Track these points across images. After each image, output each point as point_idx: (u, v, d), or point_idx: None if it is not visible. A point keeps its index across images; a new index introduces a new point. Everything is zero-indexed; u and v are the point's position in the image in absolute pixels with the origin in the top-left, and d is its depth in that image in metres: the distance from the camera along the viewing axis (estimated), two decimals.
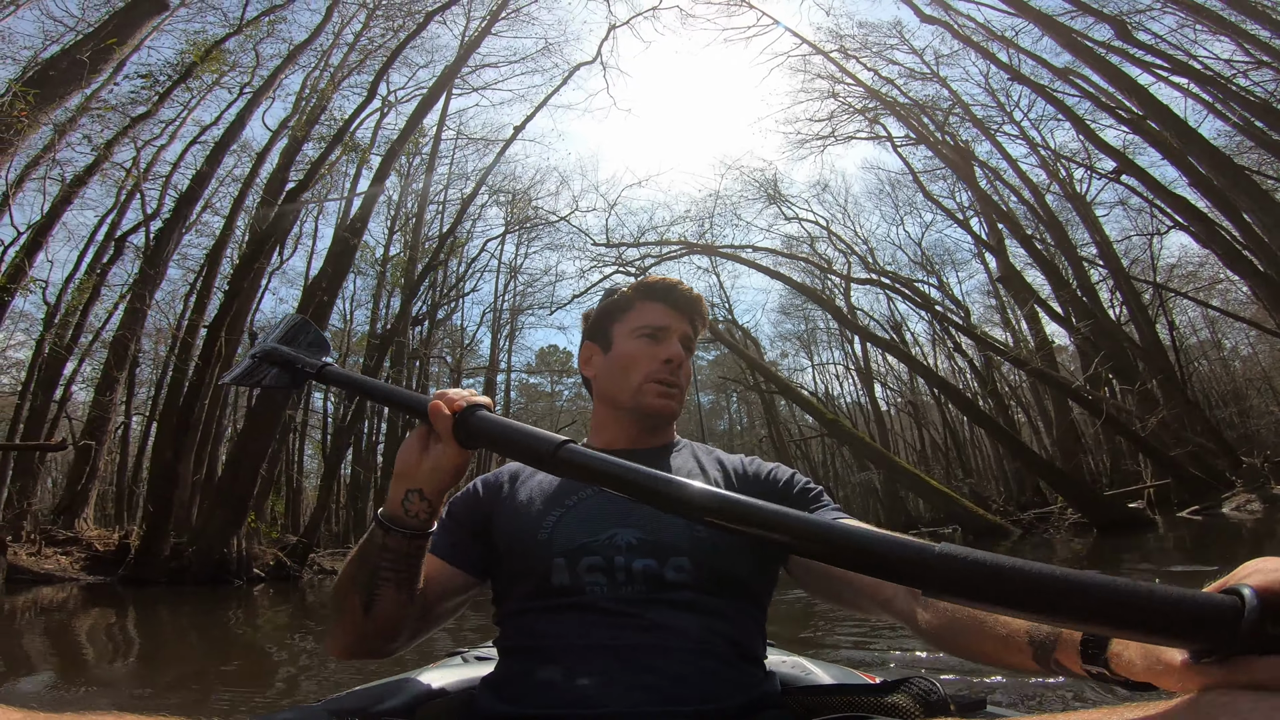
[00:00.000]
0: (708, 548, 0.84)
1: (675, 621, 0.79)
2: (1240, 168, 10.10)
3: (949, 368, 28.83)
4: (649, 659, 0.76)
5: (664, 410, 0.97)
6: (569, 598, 0.81)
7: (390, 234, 24.49)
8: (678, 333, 0.99)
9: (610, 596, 0.80)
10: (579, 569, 0.82)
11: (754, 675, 0.82)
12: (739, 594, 0.85)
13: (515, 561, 0.86)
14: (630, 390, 0.97)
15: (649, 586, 0.81)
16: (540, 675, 0.77)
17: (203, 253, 17.33)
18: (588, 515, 0.87)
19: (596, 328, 1.05)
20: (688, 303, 1.01)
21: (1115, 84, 12.92)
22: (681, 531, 0.84)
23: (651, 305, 1.00)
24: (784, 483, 0.96)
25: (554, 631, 0.80)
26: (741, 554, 0.86)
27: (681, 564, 0.82)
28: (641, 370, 0.97)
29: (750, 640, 0.84)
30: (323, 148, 16.18)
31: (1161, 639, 0.40)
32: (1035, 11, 14.81)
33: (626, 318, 1.01)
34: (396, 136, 15.12)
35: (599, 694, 0.73)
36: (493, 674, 0.86)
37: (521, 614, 0.84)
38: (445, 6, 14.54)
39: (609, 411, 1.01)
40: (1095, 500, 8.96)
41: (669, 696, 0.73)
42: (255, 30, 17.70)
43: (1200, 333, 29.52)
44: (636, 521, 0.85)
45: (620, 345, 1.00)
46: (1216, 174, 10.31)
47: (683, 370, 0.99)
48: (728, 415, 39.57)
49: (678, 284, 1.01)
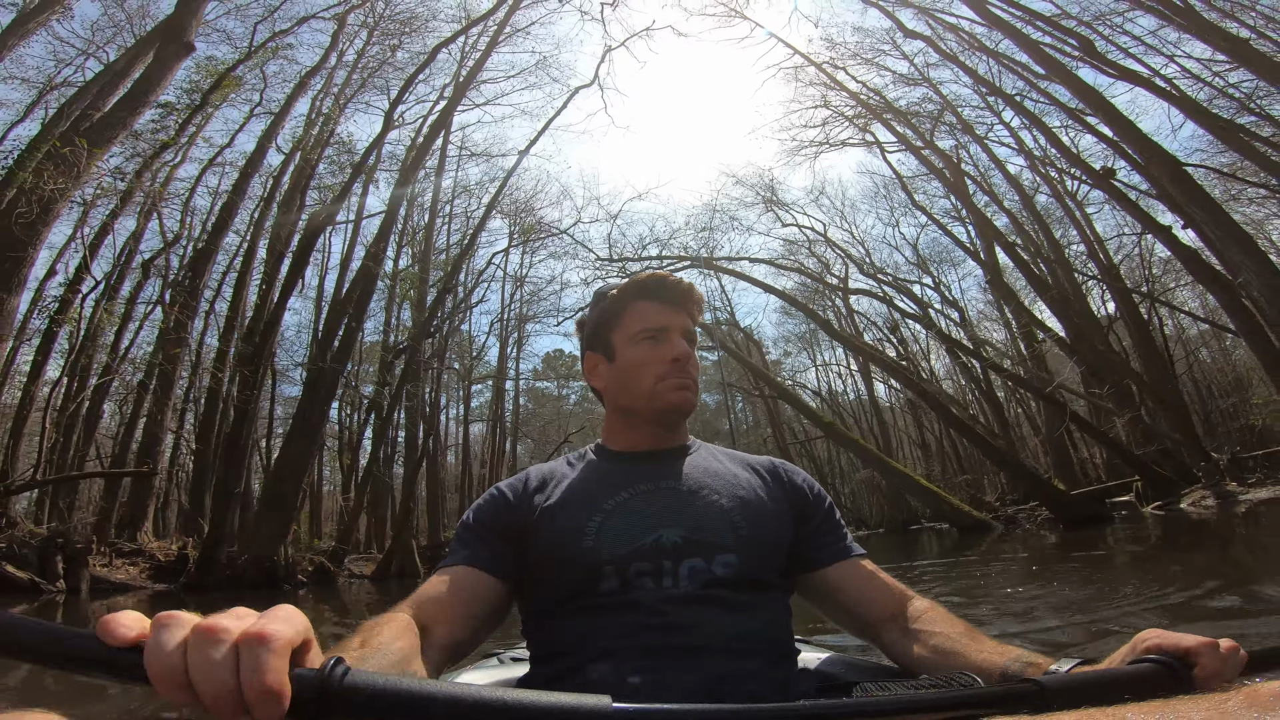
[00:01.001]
0: (752, 544, 0.86)
1: (718, 620, 0.79)
2: (1195, 185, 10.80)
3: (947, 366, 29.58)
4: (690, 658, 0.76)
5: (683, 404, 0.96)
6: (614, 598, 0.81)
7: (399, 247, 25.48)
8: (678, 328, 0.98)
9: (656, 597, 0.80)
10: (628, 574, 0.82)
11: (792, 673, 0.84)
12: (775, 591, 0.87)
13: (558, 569, 0.85)
14: (645, 395, 0.96)
15: (696, 585, 0.81)
16: (582, 677, 0.77)
17: (218, 270, 18.34)
18: (630, 518, 0.87)
19: (596, 337, 1.03)
20: (680, 295, 1.00)
21: (1082, 98, 13.66)
22: (725, 528, 0.86)
23: (646, 305, 0.99)
24: (814, 496, 0.98)
25: (596, 634, 0.80)
26: (777, 551, 0.90)
27: (729, 560, 0.83)
28: (651, 374, 0.96)
29: (786, 637, 0.86)
30: (331, 167, 17.19)
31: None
32: (1009, 27, 15.46)
33: (624, 323, 0.99)
34: (404, 157, 16.02)
35: (643, 694, 0.72)
36: (528, 676, 0.88)
37: (562, 618, 0.84)
38: (451, 39, 15.40)
39: (626, 418, 1.00)
40: (1061, 497, 9.74)
41: (712, 695, 0.73)
42: (263, 54, 18.69)
43: (1201, 324, 29.95)
44: (679, 520, 0.86)
45: (624, 353, 0.98)
46: (1173, 185, 11.05)
47: (691, 364, 0.97)
48: (731, 415, 40.13)
49: (667, 277, 1.00)
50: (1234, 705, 0.39)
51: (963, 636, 0.77)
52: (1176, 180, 11.04)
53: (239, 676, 0.37)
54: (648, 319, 0.97)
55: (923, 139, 21.47)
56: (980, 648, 0.74)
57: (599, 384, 1.03)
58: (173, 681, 0.37)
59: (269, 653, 0.38)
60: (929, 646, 0.78)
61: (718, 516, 0.87)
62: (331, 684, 0.40)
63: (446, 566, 0.85)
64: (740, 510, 0.89)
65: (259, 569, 9.25)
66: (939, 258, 27.46)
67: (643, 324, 0.97)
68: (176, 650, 0.37)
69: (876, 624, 0.87)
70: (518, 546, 0.89)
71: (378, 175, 19.80)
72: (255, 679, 0.37)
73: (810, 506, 0.96)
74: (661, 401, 0.95)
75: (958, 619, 0.82)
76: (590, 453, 1.03)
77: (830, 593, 0.91)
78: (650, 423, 0.98)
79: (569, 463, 1.02)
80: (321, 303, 21.43)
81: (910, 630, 0.82)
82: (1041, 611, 3.30)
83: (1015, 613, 3.35)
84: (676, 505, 0.88)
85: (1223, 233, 9.98)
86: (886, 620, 0.86)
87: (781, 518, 0.92)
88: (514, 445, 28.46)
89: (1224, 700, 0.40)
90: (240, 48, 17.83)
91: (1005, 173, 20.90)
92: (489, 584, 0.84)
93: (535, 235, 22.57)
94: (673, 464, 0.96)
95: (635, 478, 0.93)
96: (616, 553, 0.83)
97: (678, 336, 0.97)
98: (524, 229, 22.49)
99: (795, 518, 0.94)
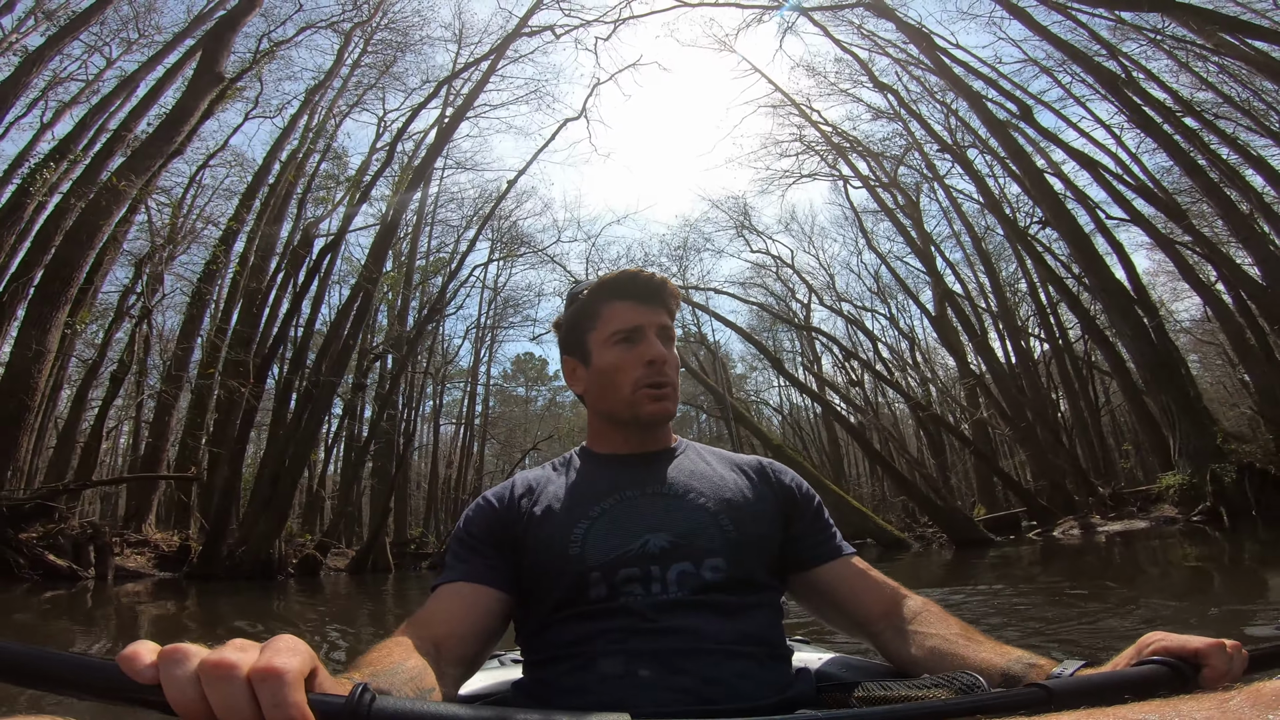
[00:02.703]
0: (740, 546, 0.86)
1: (708, 624, 0.79)
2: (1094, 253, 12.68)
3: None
4: (682, 662, 0.76)
5: (661, 413, 0.94)
6: (603, 605, 0.81)
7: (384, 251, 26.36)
8: (653, 326, 0.95)
9: (646, 603, 0.80)
10: (616, 581, 0.82)
11: (786, 674, 0.83)
12: (764, 592, 0.87)
13: (546, 576, 0.85)
14: (623, 402, 0.94)
15: (685, 590, 0.81)
16: (571, 681, 0.78)
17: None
18: (616, 523, 0.86)
19: (572, 340, 1.01)
20: (653, 291, 0.97)
21: (1016, 162, 15.52)
22: (713, 532, 0.86)
23: (618, 305, 0.96)
24: (803, 496, 0.98)
25: (587, 639, 0.80)
26: (766, 552, 0.89)
27: (717, 564, 0.83)
28: (628, 378, 0.93)
29: (778, 638, 0.86)
30: (328, 180, 18.17)
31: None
32: (965, 87, 17.22)
33: (598, 325, 0.97)
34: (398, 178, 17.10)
35: (631, 698, 0.73)
36: (523, 680, 0.89)
37: (553, 625, 0.84)
38: (454, 74, 16.55)
39: (607, 422, 0.99)
40: (952, 522, 11.51)
41: (702, 698, 0.73)
42: (264, 59, 19.50)
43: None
44: (665, 525, 0.86)
45: (600, 356, 0.96)
46: (1075, 250, 12.95)
47: (669, 365, 0.95)
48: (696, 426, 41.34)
49: (638, 274, 0.97)
50: (1237, 704, 0.39)
51: (959, 637, 0.78)
52: (1077, 246, 12.94)
53: (259, 709, 0.39)
54: (621, 319, 0.95)
55: (888, 177, 23.36)
56: (979, 648, 0.75)
57: (579, 389, 1.01)
58: (196, 711, 0.40)
59: (284, 686, 0.40)
60: (925, 648, 0.79)
61: (705, 520, 0.87)
62: (361, 712, 0.42)
63: (446, 583, 0.86)
64: (728, 512, 0.89)
65: (255, 560, 10.27)
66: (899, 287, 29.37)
67: (616, 325, 0.95)
68: (191, 682, 0.40)
69: (870, 623, 0.87)
70: (512, 555, 0.89)
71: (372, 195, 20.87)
72: (278, 714, 0.39)
73: (799, 506, 0.96)
74: (639, 411, 0.94)
75: (953, 618, 0.83)
76: (576, 457, 1.02)
77: (822, 592, 0.91)
78: (631, 428, 0.97)
79: (555, 468, 1.01)
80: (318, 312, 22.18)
81: (905, 630, 0.83)
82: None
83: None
84: (663, 510, 0.88)
85: (1109, 300, 11.84)
86: (880, 619, 0.87)
87: (769, 518, 0.92)
88: (482, 447, 29.45)
89: (1226, 699, 0.40)
90: (244, 57, 18.63)
91: (960, 213, 22.49)
92: (490, 597, 0.84)
93: (514, 250, 23.70)
94: (659, 467, 0.96)
95: (622, 482, 0.92)
96: (603, 559, 0.83)
97: (653, 335, 0.95)
98: (506, 243, 23.53)
99: (784, 517, 0.94)
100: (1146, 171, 16.79)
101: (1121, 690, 0.53)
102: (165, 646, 0.42)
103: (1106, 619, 3.29)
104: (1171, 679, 0.54)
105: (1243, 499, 8.70)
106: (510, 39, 17.99)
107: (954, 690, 0.64)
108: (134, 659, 0.41)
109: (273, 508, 10.61)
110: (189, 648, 0.42)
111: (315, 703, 0.41)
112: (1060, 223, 13.59)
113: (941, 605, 0.87)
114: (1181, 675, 0.55)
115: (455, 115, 17.35)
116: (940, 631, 0.80)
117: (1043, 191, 14.44)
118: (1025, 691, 0.52)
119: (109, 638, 4.77)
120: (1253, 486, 8.80)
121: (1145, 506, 10.34)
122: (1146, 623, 3.14)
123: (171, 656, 0.41)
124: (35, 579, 7.13)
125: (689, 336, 25.73)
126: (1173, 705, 0.40)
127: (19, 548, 7.08)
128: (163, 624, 5.77)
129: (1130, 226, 15.65)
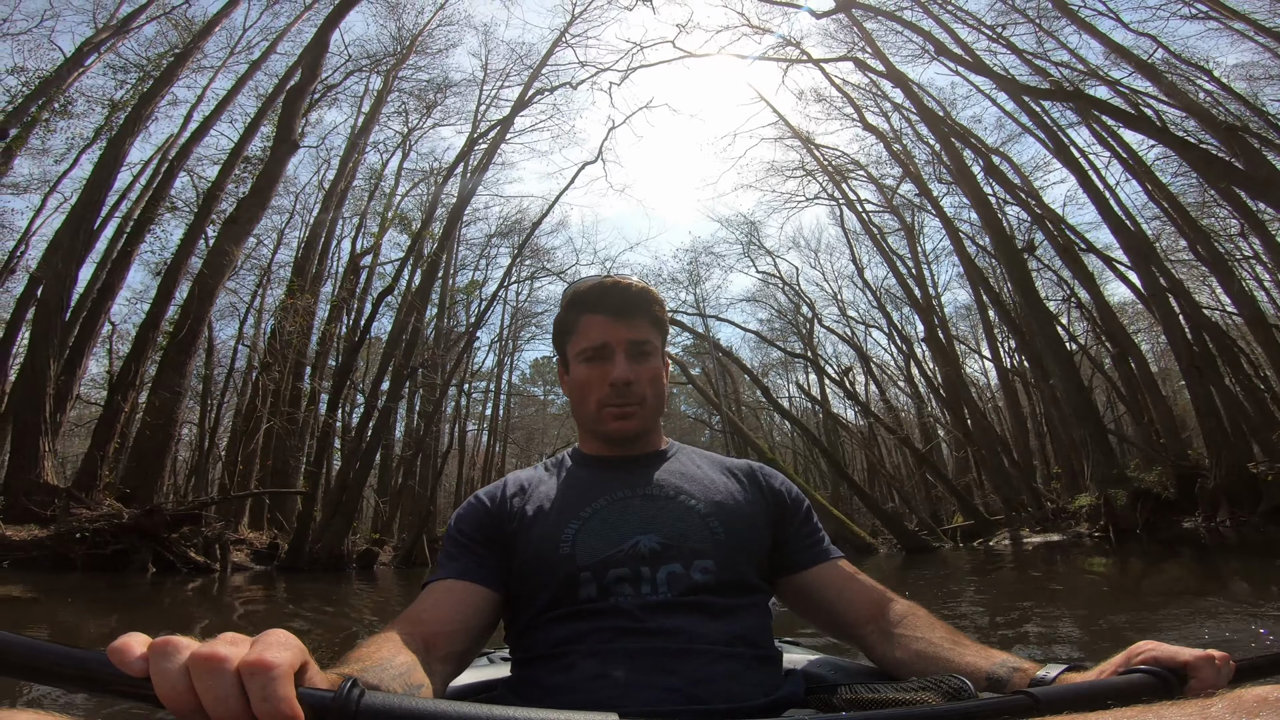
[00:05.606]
0: (729, 548, 0.87)
1: (697, 625, 0.80)
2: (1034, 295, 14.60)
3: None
4: (670, 661, 0.76)
5: (622, 432, 0.95)
6: (593, 605, 0.82)
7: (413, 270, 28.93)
8: (621, 344, 0.94)
9: (635, 604, 0.81)
10: (606, 581, 0.82)
11: (774, 675, 0.83)
12: (753, 594, 0.88)
13: (536, 575, 0.86)
14: (590, 417, 0.97)
15: (675, 591, 0.82)
16: (559, 680, 0.78)
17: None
18: (606, 524, 0.87)
19: (558, 346, 1.03)
20: (626, 305, 0.95)
21: (980, 213, 17.38)
22: (702, 533, 0.87)
23: (589, 319, 0.96)
24: (792, 500, 0.99)
25: (576, 639, 0.81)
26: (755, 555, 0.90)
27: (707, 565, 0.84)
28: (594, 396, 0.95)
29: (766, 640, 0.86)
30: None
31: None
32: (942, 134, 19.08)
33: (574, 339, 0.98)
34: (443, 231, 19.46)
35: (619, 697, 0.73)
36: (511, 678, 0.90)
37: (543, 625, 0.84)
38: (484, 132, 18.84)
39: (584, 430, 1.02)
40: (901, 531, 13.64)
41: (690, 697, 0.73)
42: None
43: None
44: (655, 526, 0.86)
45: (574, 370, 0.98)
46: (1017, 289, 14.87)
47: (635, 386, 0.94)
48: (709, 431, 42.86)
49: (614, 285, 0.95)
50: (1218, 710, 0.39)
51: (945, 640, 0.80)
52: (1022, 291, 14.85)
53: (247, 703, 0.40)
54: (590, 336, 0.96)
55: (886, 202, 25.31)
56: (964, 652, 0.76)
57: (565, 392, 1.02)
58: (184, 705, 0.40)
59: (274, 681, 0.40)
60: (912, 650, 0.80)
61: (695, 522, 0.88)
62: (350, 707, 0.42)
63: (437, 580, 0.87)
64: (717, 515, 0.90)
65: (330, 555, 12.69)
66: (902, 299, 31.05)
67: (585, 343, 0.96)
68: (180, 675, 0.40)
69: (856, 626, 0.89)
70: (503, 553, 0.90)
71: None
72: (267, 708, 0.40)
73: (788, 510, 0.97)
74: (602, 429, 0.96)
75: (939, 622, 0.84)
76: (568, 458, 1.03)
77: (810, 595, 0.93)
78: (604, 438, 0.98)
79: (547, 468, 1.02)
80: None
81: (891, 633, 0.84)
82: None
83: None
84: (653, 511, 0.89)
85: (1044, 342, 13.74)
86: (866, 622, 0.88)
87: (759, 521, 0.93)
88: (504, 448, 32.05)
89: (1209, 705, 0.40)
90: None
91: (957, 245, 24.41)
92: (480, 594, 0.85)
93: (536, 276, 26.16)
94: (650, 470, 0.96)
95: (612, 484, 0.93)
96: (593, 559, 0.84)
97: (620, 354, 0.94)
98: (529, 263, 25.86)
99: (773, 521, 0.96)
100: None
101: (1106, 698, 0.53)
102: (156, 639, 0.42)
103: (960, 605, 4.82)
104: (1157, 689, 0.55)
105: (1131, 518, 10.67)
106: (520, 107, 19.91)
107: (941, 693, 0.64)
108: (124, 651, 0.41)
109: (342, 513, 13.02)
110: (179, 640, 0.42)
111: (304, 697, 0.42)
112: (1012, 272, 15.56)
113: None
114: (1168, 685, 0.55)
115: (479, 167, 19.67)
116: (927, 635, 0.81)
117: (999, 239, 16.43)
118: (1012, 699, 0.53)
119: (246, 621, 5.28)
120: (1144, 509, 10.77)
121: (1067, 522, 12.32)
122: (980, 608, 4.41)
123: (162, 649, 0.41)
124: (184, 571, 9.51)
125: (693, 349, 27.86)
126: (1156, 712, 0.41)
127: (172, 547, 9.48)
128: (269, 604, 6.62)
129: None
